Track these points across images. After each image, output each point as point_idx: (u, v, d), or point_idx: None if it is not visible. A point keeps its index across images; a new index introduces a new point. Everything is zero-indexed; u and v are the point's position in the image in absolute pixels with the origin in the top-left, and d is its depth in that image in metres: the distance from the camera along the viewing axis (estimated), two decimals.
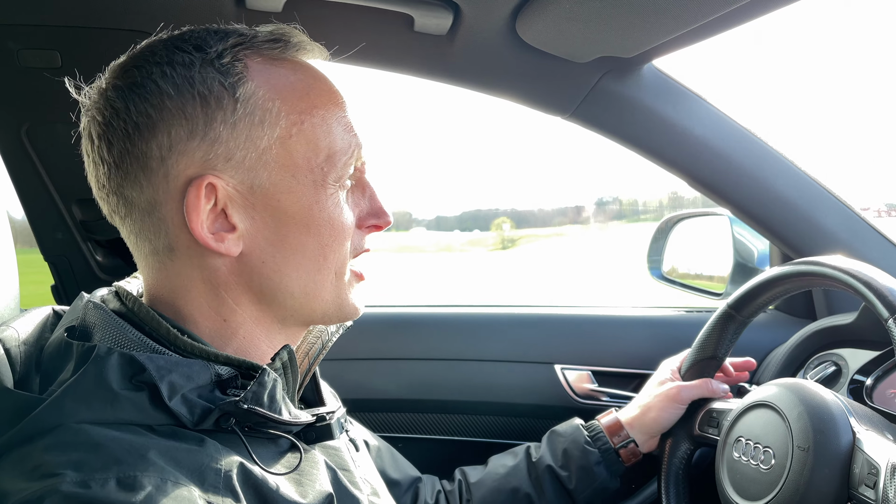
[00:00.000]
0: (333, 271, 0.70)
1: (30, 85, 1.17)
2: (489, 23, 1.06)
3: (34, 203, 1.32)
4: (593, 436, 1.08)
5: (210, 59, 0.64)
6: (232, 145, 0.64)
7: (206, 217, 0.64)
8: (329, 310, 0.72)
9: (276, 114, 0.65)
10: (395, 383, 1.43)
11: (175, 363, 0.60)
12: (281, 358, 0.67)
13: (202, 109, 0.63)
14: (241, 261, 0.67)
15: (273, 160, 0.65)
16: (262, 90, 0.65)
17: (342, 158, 0.69)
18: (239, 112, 0.64)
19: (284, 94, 0.67)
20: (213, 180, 0.63)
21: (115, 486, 0.50)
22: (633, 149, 1.28)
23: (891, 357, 1.02)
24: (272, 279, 0.68)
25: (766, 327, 1.38)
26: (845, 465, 0.78)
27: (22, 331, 0.68)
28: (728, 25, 1.00)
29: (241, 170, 0.64)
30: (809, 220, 1.26)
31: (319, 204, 0.67)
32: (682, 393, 1.06)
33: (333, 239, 0.69)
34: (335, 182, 0.68)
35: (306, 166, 0.67)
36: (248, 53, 0.66)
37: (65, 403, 0.56)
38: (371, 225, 0.75)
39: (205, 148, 0.63)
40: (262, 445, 0.64)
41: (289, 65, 0.69)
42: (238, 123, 0.64)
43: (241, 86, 0.64)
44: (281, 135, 0.66)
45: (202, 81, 0.64)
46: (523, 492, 1.07)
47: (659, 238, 1.57)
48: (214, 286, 0.67)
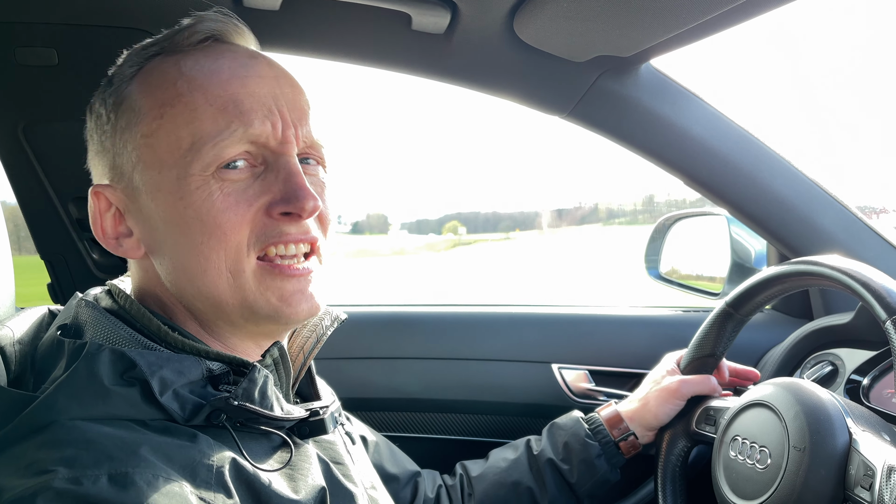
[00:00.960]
0: (225, 270, 0.64)
1: (26, 83, 1.17)
2: (487, 21, 1.06)
3: (31, 201, 1.32)
4: (593, 429, 1.08)
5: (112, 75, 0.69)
6: (113, 153, 0.68)
7: (108, 223, 0.68)
8: (244, 313, 0.66)
9: (139, 112, 0.65)
10: (392, 382, 1.43)
11: (166, 359, 0.60)
12: (272, 354, 0.68)
13: (97, 125, 0.69)
14: (151, 263, 0.69)
15: (141, 160, 0.66)
16: (136, 91, 0.66)
17: (210, 142, 0.63)
18: (112, 119, 0.67)
19: (151, 89, 0.66)
20: (101, 189, 0.68)
21: (106, 483, 0.51)
22: (631, 148, 1.28)
23: (887, 357, 1.02)
24: (172, 281, 0.68)
25: (764, 327, 1.38)
26: (841, 466, 0.78)
27: (17, 330, 0.68)
28: (725, 25, 1.00)
29: (124, 176, 0.67)
30: (807, 220, 1.26)
31: (184, 200, 0.63)
32: (682, 388, 1.06)
33: (207, 236, 0.63)
34: (203, 171, 0.63)
35: (170, 160, 0.64)
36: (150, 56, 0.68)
37: (57, 400, 0.56)
38: (282, 213, 0.65)
39: (101, 161, 0.69)
40: (255, 440, 0.64)
41: (178, 57, 0.67)
42: (115, 131, 0.67)
43: (119, 93, 0.67)
44: (144, 132, 0.65)
45: (101, 99, 0.69)
46: (525, 485, 1.07)
47: (656, 238, 1.57)
48: (152, 286, 0.70)
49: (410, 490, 1.04)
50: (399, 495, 1.02)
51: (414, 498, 1.04)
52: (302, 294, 0.67)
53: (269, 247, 0.66)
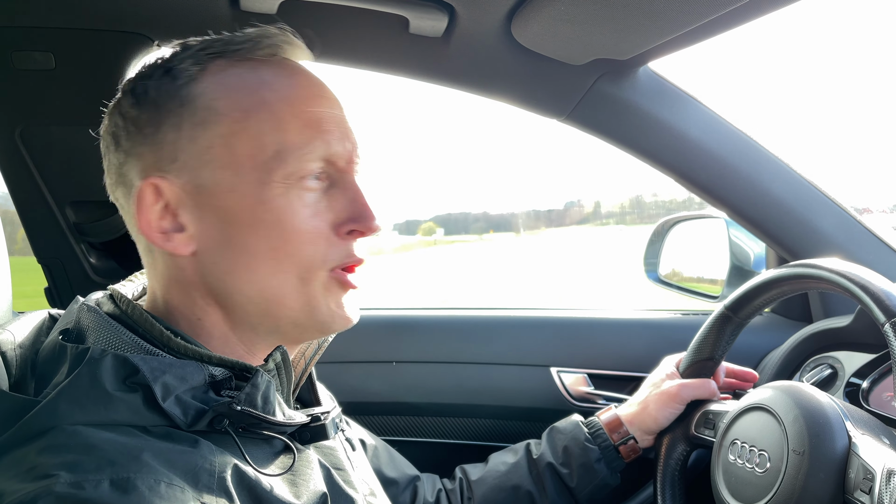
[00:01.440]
0: (295, 276, 0.66)
1: (24, 87, 1.17)
2: (484, 25, 1.06)
3: (28, 205, 1.32)
4: (593, 433, 1.08)
5: (169, 67, 0.67)
6: (178, 146, 0.65)
7: (155, 217, 0.66)
8: (299, 318, 0.68)
9: (218, 112, 0.66)
10: (391, 386, 1.43)
11: (169, 364, 0.60)
12: (274, 359, 0.68)
13: (153, 115, 0.66)
14: (198, 261, 0.67)
15: (215, 159, 0.65)
16: (210, 90, 0.66)
17: (296, 154, 0.65)
18: (183, 114, 0.66)
19: (231, 92, 0.66)
20: (157, 181, 0.65)
21: (108, 488, 0.50)
22: (629, 151, 1.28)
23: (886, 360, 1.02)
24: (225, 281, 0.67)
25: (763, 330, 1.38)
26: (841, 469, 0.77)
27: (18, 334, 0.68)
28: (723, 28, 1.00)
29: (186, 170, 0.66)
30: (805, 223, 1.26)
31: (264, 204, 0.65)
32: (682, 391, 1.05)
33: (285, 241, 0.65)
34: (285, 179, 0.65)
35: (250, 164, 0.65)
36: (212, 57, 0.68)
37: (59, 405, 0.56)
38: (351, 230, 0.68)
39: (154, 151, 0.66)
40: (257, 446, 0.64)
41: (251, 64, 0.68)
42: (182, 125, 0.65)
43: (186, 88, 0.66)
44: (222, 132, 0.65)
45: (156, 88, 0.67)
46: (524, 489, 1.07)
47: (655, 241, 1.57)
48: (185, 285, 0.68)
49: (410, 494, 1.04)
50: (398, 499, 1.02)
51: (413, 502, 1.04)
52: (355, 305, 0.72)
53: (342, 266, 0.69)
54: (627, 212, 30.41)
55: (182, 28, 1.09)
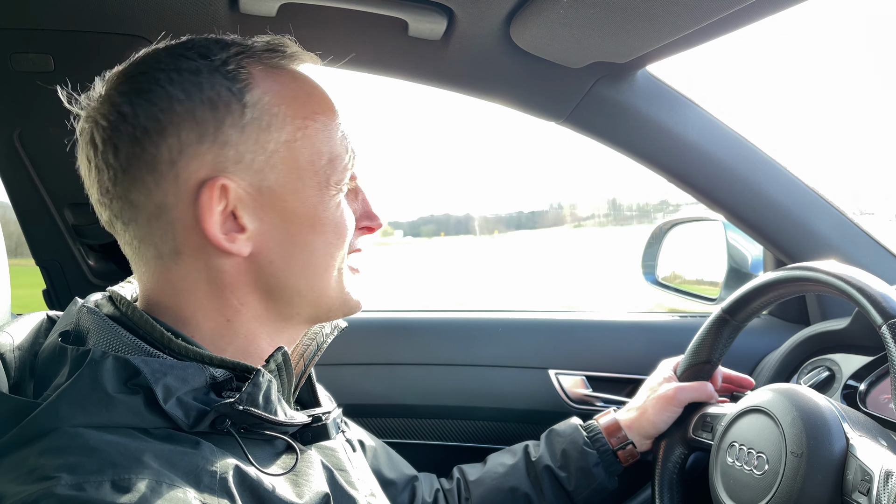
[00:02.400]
0: (337, 269, 0.73)
1: (22, 89, 1.17)
2: (483, 28, 1.06)
3: (26, 207, 1.32)
4: (592, 437, 1.08)
5: (216, 67, 0.66)
6: (241, 148, 0.66)
7: (218, 218, 0.65)
8: (334, 305, 0.75)
9: (283, 118, 0.68)
10: (389, 388, 1.43)
11: (170, 366, 0.60)
12: (275, 360, 0.68)
13: (211, 114, 0.65)
14: (249, 261, 0.68)
15: (280, 163, 0.67)
16: (268, 96, 0.68)
17: (341, 163, 0.71)
18: (247, 116, 0.66)
19: (288, 100, 0.69)
20: (225, 182, 0.65)
21: (109, 489, 0.50)
22: (627, 154, 1.28)
23: (884, 363, 1.03)
24: (280, 278, 0.69)
25: (760, 332, 1.38)
26: (839, 471, 0.78)
27: (16, 336, 0.68)
28: (721, 31, 1.00)
29: (250, 172, 0.66)
30: (803, 226, 1.27)
31: (323, 205, 0.70)
32: (678, 395, 1.06)
33: (338, 238, 0.71)
34: (336, 185, 0.71)
35: (311, 169, 0.69)
36: (249, 62, 0.68)
37: (60, 407, 0.56)
38: (364, 227, 0.77)
39: (215, 151, 0.65)
40: (258, 447, 0.64)
41: (288, 73, 0.71)
42: (247, 127, 0.66)
43: (247, 92, 0.67)
44: (287, 139, 0.68)
45: (210, 87, 0.65)
46: (522, 491, 1.07)
47: (653, 243, 1.58)
48: (219, 287, 0.68)
49: (408, 495, 1.05)
50: (397, 500, 1.02)
51: (412, 502, 1.04)
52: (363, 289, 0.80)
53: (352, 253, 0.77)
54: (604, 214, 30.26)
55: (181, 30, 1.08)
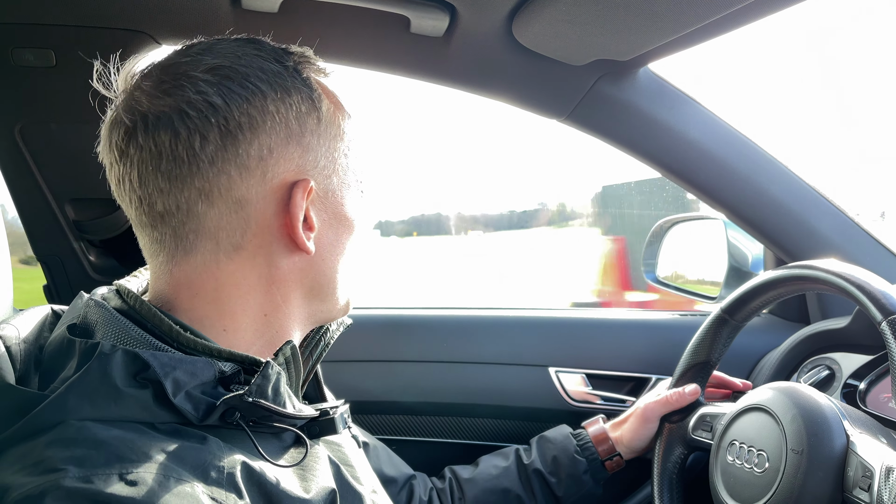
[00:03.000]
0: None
1: (23, 84, 1.16)
2: (485, 25, 1.06)
3: (27, 203, 1.32)
4: (581, 445, 1.13)
5: (291, 72, 0.69)
6: (319, 153, 0.70)
7: (300, 216, 0.68)
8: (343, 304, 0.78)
9: (339, 126, 0.74)
10: (389, 385, 1.43)
11: (179, 360, 0.60)
12: (284, 353, 0.68)
13: (297, 118, 0.68)
14: (308, 259, 0.71)
15: (340, 169, 0.73)
16: (331, 107, 0.73)
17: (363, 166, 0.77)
18: (323, 124, 0.71)
19: (342, 110, 0.75)
20: (313, 183, 0.69)
21: (117, 482, 0.50)
22: (629, 152, 1.28)
23: (884, 361, 1.03)
24: (328, 276, 0.73)
25: (760, 331, 1.39)
26: (839, 467, 0.78)
27: (22, 329, 0.67)
28: (723, 30, 1.00)
29: (323, 175, 0.71)
30: (803, 225, 1.27)
31: (356, 207, 0.75)
32: (647, 412, 1.11)
33: (359, 238, 0.77)
34: (359, 185, 0.77)
35: (353, 178, 0.75)
36: (310, 70, 0.73)
37: (68, 400, 0.56)
38: None
39: (300, 153, 0.68)
40: (266, 440, 0.64)
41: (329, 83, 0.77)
42: (322, 134, 0.71)
43: (321, 101, 0.71)
44: (344, 148, 0.74)
45: (297, 92, 0.69)
46: (514, 493, 1.11)
47: (654, 242, 1.57)
48: (268, 283, 0.69)
49: (406, 493, 1.06)
50: (396, 498, 1.03)
51: (410, 500, 1.05)
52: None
53: None
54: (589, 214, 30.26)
55: (183, 26, 1.09)
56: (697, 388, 1.09)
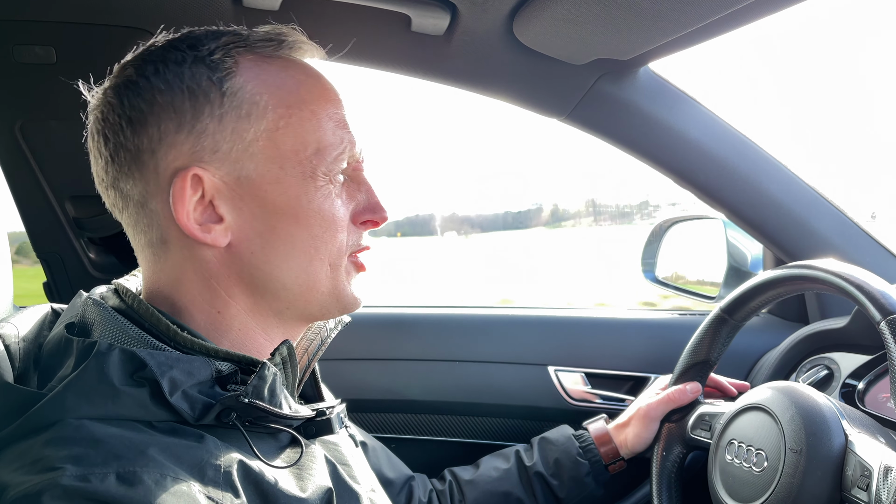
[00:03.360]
0: (328, 263, 0.71)
1: (24, 81, 1.17)
2: (486, 24, 1.06)
3: (27, 200, 1.32)
4: (584, 447, 1.12)
5: (201, 56, 0.67)
6: (219, 137, 0.66)
7: (192, 208, 0.65)
8: (327, 302, 0.72)
9: (263, 107, 0.67)
10: (389, 384, 1.43)
11: (176, 359, 0.60)
12: (280, 353, 0.68)
13: (190, 103, 0.65)
14: (230, 252, 0.68)
15: (260, 152, 0.67)
16: (251, 84, 0.67)
17: (332, 153, 0.69)
18: (226, 105, 0.66)
19: (273, 88, 0.68)
20: (199, 171, 0.65)
21: (114, 481, 0.50)
22: (629, 151, 1.28)
23: (883, 361, 1.03)
24: (263, 270, 0.68)
25: (759, 331, 1.39)
26: (838, 467, 0.78)
27: (21, 327, 0.68)
28: (724, 29, 1.00)
29: (228, 161, 0.66)
30: (803, 225, 1.27)
31: (308, 195, 0.68)
32: (650, 412, 1.10)
33: (324, 230, 0.69)
34: (325, 175, 0.69)
35: (294, 158, 0.68)
36: (240, 51, 0.68)
37: (66, 399, 0.56)
38: (367, 220, 0.74)
39: (192, 140, 0.65)
40: (263, 440, 0.64)
41: (280, 62, 0.70)
42: (224, 116, 0.66)
43: (228, 80, 0.66)
44: (268, 127, 0.67)
45: (191, 77, 0.66)
46: (515, 496, 1.10)
47: (653, 241, 1.58)
48: (206, 278, 0.68)
49: (406, 494, 1.05)
50: (395, 499, 1.03)
51: (409, 502, 1.05)
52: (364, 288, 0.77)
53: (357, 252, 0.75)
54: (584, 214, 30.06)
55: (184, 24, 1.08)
56: (698, 385, 1.09)
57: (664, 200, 46.66)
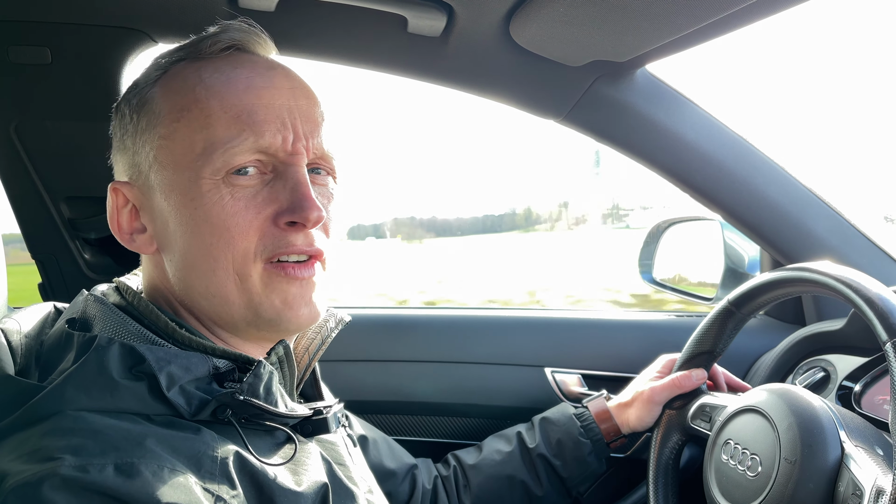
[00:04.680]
0: (233, 271, 0.66)
1: (19, 81, 1.16)
2: (483, 25, 1.06)
3: (22, 201, 1.31)
4: (585, 426, 1.12)
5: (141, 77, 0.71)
6: (135, 151, 0.69)
7: (124, 219, 0.71)
8: (248, 316, 0.67)
9: (158, 114, 0.68)
10: (386, 385, 1.43)
11: (174, 355, 0.61)
12: (277, 352, 0.69)
13: (123, 123, 0.71)
14: (161, 259, 0.70)
15: (157, 161, 0.68)
16: (157, 94, 0.68)
17: (221, 148, 0.64)
18: (136, 120, 0.69)
19: (170, 94, 0.68)
20: (119, 186, 0.70)
21: (112, 472, 0.51)
22: (625, 153, 1.28)
23: (879, 364, 1.03)
24: (180, 279, 0.69)
25: (756, 333, 1.39)
26: (831, 480, 0.77)
27: (24, 324, 0.69)
28: (720, 31, 1.00)
29: (141, 173, 0.69)
30: (800, 226, 1.27)
31: (195, 201, 0.65)
32: (654, 396, 1.09)
33: (217, 238, 0.65)
34: (213, 175, 0.65)
35: (184, 162, 0.66)
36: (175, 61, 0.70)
37: (66, 391, 0.57)
38: (288, 222, 0.66)
39: (122, 158, 0.71)
40: (259, 437, 0.65)
41: (201, 63, 0.69)
42: (137, 131, 0.69)
43: (143, 94, 0.69)
44: (162, 133, 0.67)
45: (126, 97, 0.72)
46: (519, 479, 1.11)
47: (650, 242, 1.57)
48: (164, 280, 0.71)
49: (409, 484, 1.06)
50: (398, 489, 1.04)
51: (413, 491, 1.06)
52: (303, 299, 0.69)
53: (275, 256, 0.67)
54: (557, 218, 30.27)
55: (180, 25, 1.09)
56: (704, 373, 1.08)
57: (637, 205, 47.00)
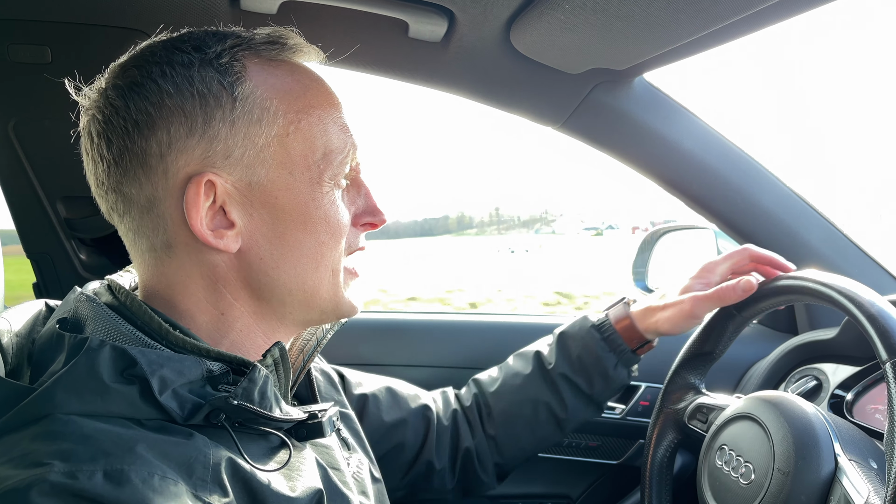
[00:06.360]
0: (330, 269, 0.71)
1: (18, 80, 1.16)
2: (483, 31, 1.07)
3: (19, 199, 1.31)
4: (606, 337, 1.08)
5: (209, 60, 0.65)
6: (230, 143, 0.65)
7: (205, 214, 0.65)
8: (327, 308, 0.73)
9: (274, 112, 0.67)
10: None
11: (167, 358, 0.59)
12: (272, 355, 0.68)
13: (201, 108, 0.64)
14: (239, 257, 0.67)
15: (271, 157, 0.66)
16: (260, 89, 0.66)
17: (338, 157, 0.69)
18: (237, 110, 0.65)
19: (282, 93, 0.68)
20: (212, 177, 0.64)
21: (101, 479, 0.50)
22: (622, 160, 1.29)
23: (871, 373, 1.03)
24: (270, 275, 0.68)
25: (749, 341, 1.39)
26: (823, 494, 0.77)
27: (14, 322, 0.67)
28: (719, 41, 1.01)
29: (240, 167, 0.65)
30: (793, 236, 1.28)
31: (316, 201, 0.68)
32: (695, 308, 1.02)
33: (330, 236, 0.69)
34: (331, 180, 0.69)
35: (303, 164, 0.68)
36: (245, 54, 0.67)
37: (55, 394, 0.55)
38: (366, 223, 0.75)
39: (204, 145, 0.64)
40: (253, 441, 0.64)
41: (285, 66, 0.70)
42: (237, 121, 0.65)
43: (239, 85, 0.65)
44: (278, 133, 0.67)
45: (201, 80, 0.64)
46: (543, 401, 1.09)
47: (644, 250, 1.58)
48: (213, 281, 0.68)
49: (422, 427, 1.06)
50: (408, 436, 1.04)
51: (427, 435, 1.06)
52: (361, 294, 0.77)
53: (352, 253, 0.75)
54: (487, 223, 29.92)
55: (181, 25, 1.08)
56: (752, 282, 0.98)
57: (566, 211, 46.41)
